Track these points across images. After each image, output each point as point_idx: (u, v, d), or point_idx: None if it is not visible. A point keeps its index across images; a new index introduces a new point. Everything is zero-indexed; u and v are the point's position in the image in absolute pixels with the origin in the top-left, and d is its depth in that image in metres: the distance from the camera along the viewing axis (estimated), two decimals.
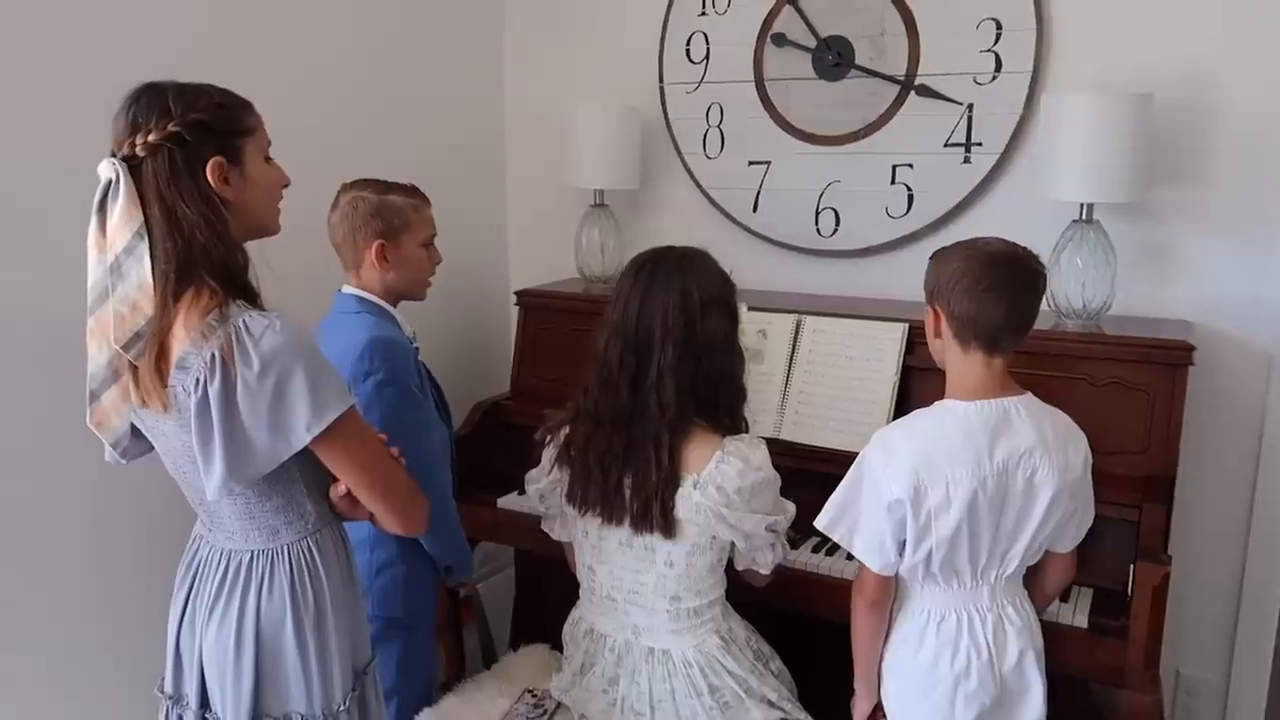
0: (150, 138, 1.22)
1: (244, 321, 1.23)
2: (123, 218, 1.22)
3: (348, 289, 1.82)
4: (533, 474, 1.77)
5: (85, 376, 1.31)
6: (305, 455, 1.30)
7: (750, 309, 2.32)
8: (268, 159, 1.36)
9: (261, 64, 2.24)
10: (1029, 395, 1.57)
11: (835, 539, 1.61)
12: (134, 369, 1.27)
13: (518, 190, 3.06)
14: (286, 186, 1.41)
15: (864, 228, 2.51)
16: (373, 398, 1.71)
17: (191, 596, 1.39)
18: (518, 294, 2.64)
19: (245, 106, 1.33)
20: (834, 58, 2.47)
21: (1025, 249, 1.55)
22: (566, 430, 1.70)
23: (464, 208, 2.90)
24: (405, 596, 1.82)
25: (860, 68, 2.45)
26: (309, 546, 1.37)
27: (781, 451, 2.15)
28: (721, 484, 1.57)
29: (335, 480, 1.36)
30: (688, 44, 2.66)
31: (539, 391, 2.52)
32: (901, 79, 2.40)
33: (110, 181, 1.23)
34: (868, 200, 2.49)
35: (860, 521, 1.57)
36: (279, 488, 1.34)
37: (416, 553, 1.82)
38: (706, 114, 2.67)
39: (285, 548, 1.36)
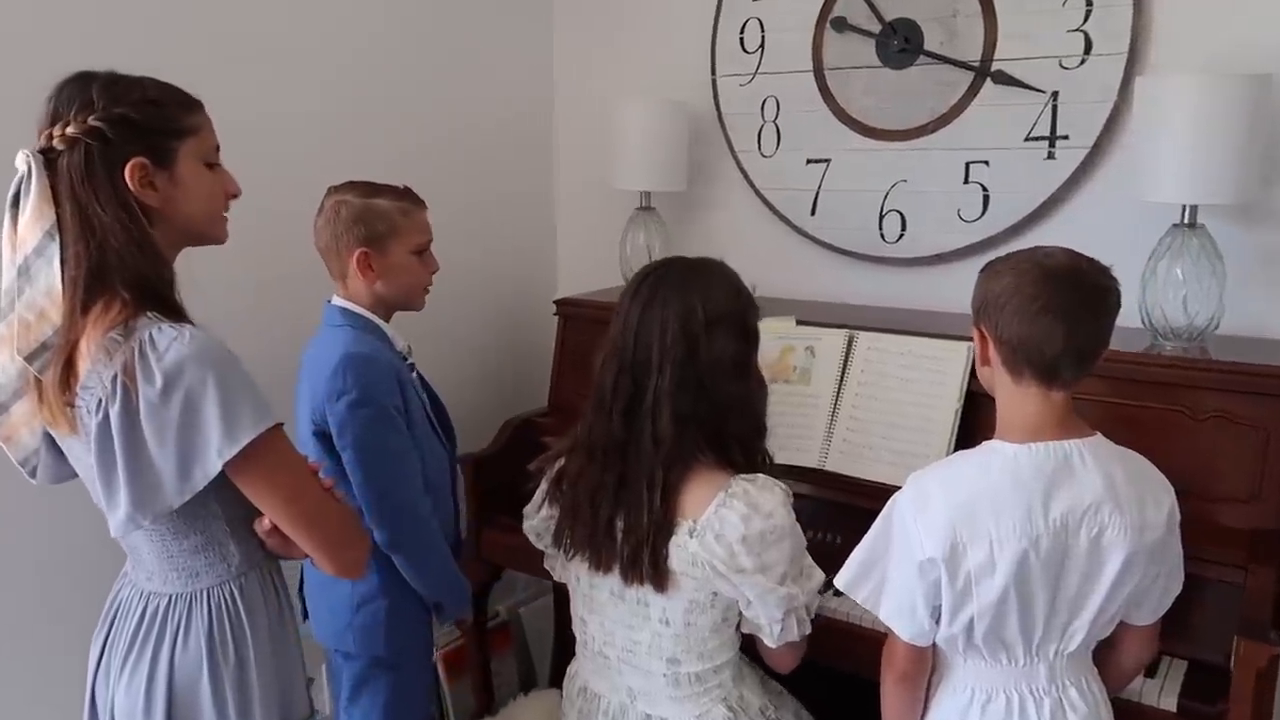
0: (68, 130, 1.11)
1: (150, 335, 1.11)
2: (33, 215, 1.12)
3: (335, 300, 1.69)
4: (529, 508, 1.59)
5: None
6: (226, 488, 1.16)
7: (799, 323, 2.11)
8: (212, 165, 1.23)
9: (303, 60, 2.17)
10: (1097, 437, 1.31)
11: (858, 601, 1.37)
12: (40, 383, 1.15)
13: (567, 193, 2.90)
14: (234, 197, 1.28)
15: (933, 233, 2.25)
16: (345, 419, 1.57)
17: (108, 643, 1.27)
18: (557, 303, 2.48)
19: (185, 105, 1.20)
20: (900, 43, 2.21)
21: (1092, 262, 1.28)
22: (562, 462, 1.51)
23: (511, 211, 2.77)
24: (390, 634, 1.67)
25: (930, 53, 2.18)
26: (230, 592, 1.23)
27: (826, 484, 1.95)
28: (721, 532, 1.36)
29: (260, 514, 1.22)
30: (741, 32, 2.45)
31: (577, 408, 2.31)
32: (976, 65, 2.13)
33: (23, 175, 1.13)
34: (938, 202, 2.23)
35: (888, 581, 1.33)
36: (196, 525, 1.20)
37: (403, 585, 1.67)
38: (761, 108, 2.44)
39: (204, 592, 1.22)
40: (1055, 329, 1.24)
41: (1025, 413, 1.29)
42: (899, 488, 1.81)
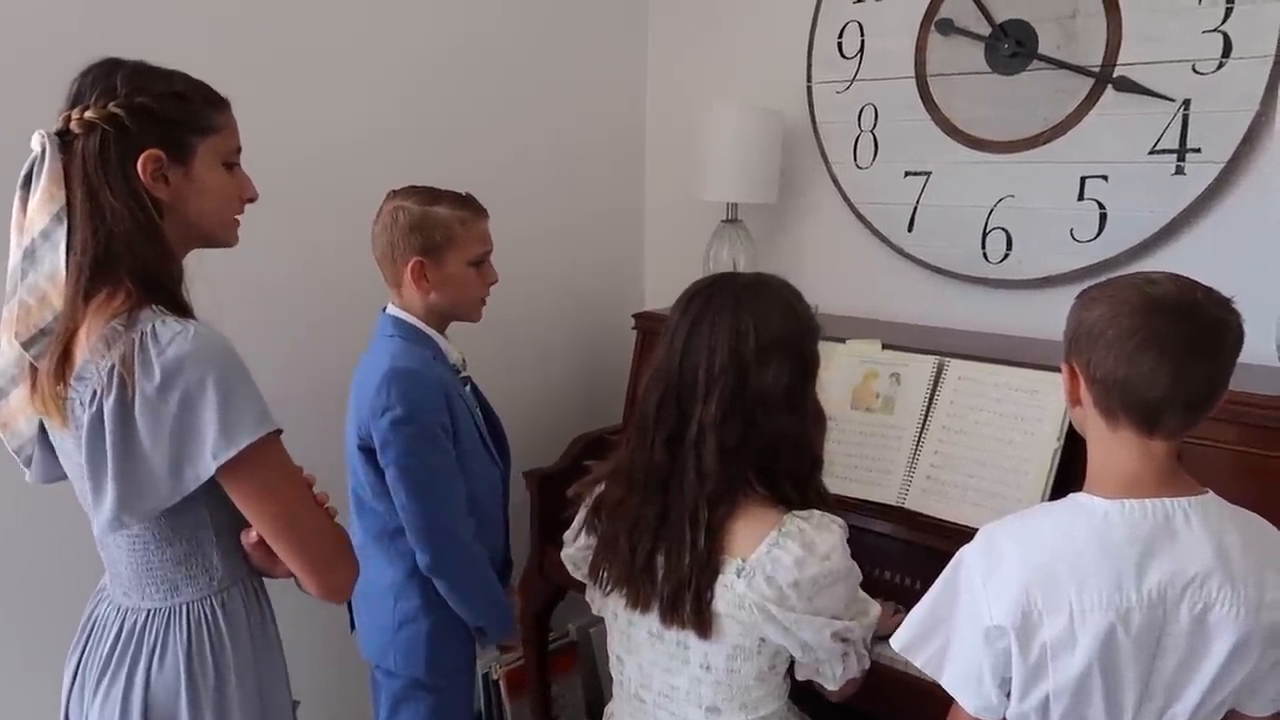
0: (87, 114, 1.08)
1: (152, 327, 1.06)
2: (43, 197, 1.09)
3: (390, 309, 1.64)
4: (567, 534, 1.50)
5: None
6: (218, 495, 1.11)
7: (885, 347, 1.95)
8: (231, 165, 1.19)
9: (389, 67, 2.15)
10: (1208, 495, 1.13)
11: (918, 665, 1.22)
12: (35, 370, 1.13)
13: (656, 203, 2.81)
14: (251, 200, 1.23)
15: (1042, 253, 2.06)
16: (388, 435, 1.51)
17: (83, 661, 1.22)
18: (635, 317, 2.39)
19: (212, 103, 1.17)
20: (1012, 46, 2.03)
21: (1209, 291, 1.10)
22: (601, 488, 1.41)
23: (599, 221, 2.71)
24: (431, 655, 1.61)
25: (1044, 58, 2.00)
26: (211, 608, 1.17)
27: (905, 523, 1.79)
28: (772, 574, 1.23)
29: (248, 526, 1.16)
30: (840, 36, 2.31)
31: None
32: (1096, 70, 1.93)
33: (37, 156, 1.10)
34: (1048, 220, 2.04)
35: (951, 646, 1.18)
36: (183, 532, 1.15)
37: (446, 607, 1.61)
38: (858, 117, 2.29)
39: (184, 607, 1.17)
40: (1159, 369, 1.07)
41: (1119, 464, 1.13)
42: None
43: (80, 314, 1.10)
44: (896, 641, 1.22)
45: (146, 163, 1.10)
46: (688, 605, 1.27)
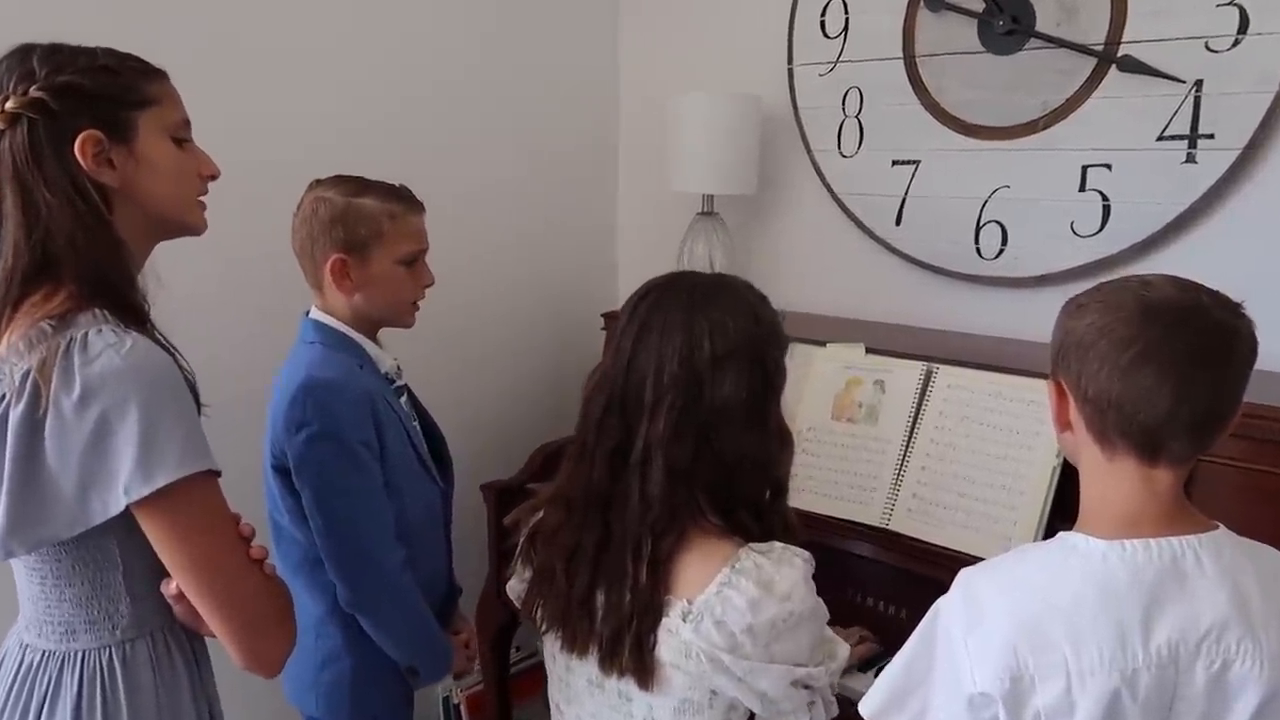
0: (8, 105, 0.97)
1: (85, 334, 0.95)
2: None
3: (312, 313, 1.48)
4: (510, 567, 1.34)
5: None
6: (134, 532, 0.98)
7: (869, 351, 1.80)
8: (181, 141, 1.07)
9: (351, 56, 2.01)
10: (1220, 531, 0.97)
11: None
12: None
13: (630, 196, 2.65)
14: (212, 178, 1.11)
15: (1040, 249, 1.90)
16: (304, 454, 1.35)
17: None
18: (606, 316, 2.23)
19: (145, 73, 1.04)
20: (1007, 23, 1.87)
21: (1214, 295, 0.95)
22: (541, 514, 1.26)
23: (569, 216, 2.55)
24: (356, 700, 1.46)
25: (1043, 36, 1.83)
26: (109, 660, 1.03)
27: (889, 546, 1.64)
28: (723, 618, 1.08)
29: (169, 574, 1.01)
30: (823, 14, 2.14)
31: None
32: (1099, 49, 1.77)
33: None
34: (1047, 212, 1.88)
35: (929, 714, 1.02)
36: (87, 571, 1.01)
37: (372, 644, 1.45)
38: (843, 101, 2.13)
39: (79, 655, 1.03)
40: (1159, 386, 0.92)
41: (1118, 498, 0.97)
42: (975, 558, 1.51)
43: (6, 322, 0.99)
44: (866, 706, 1.06)
45: (85, 145, 0.98)
46: (627, 649, 1.11)
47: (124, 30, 1.21)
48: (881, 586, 1.65)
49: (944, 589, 1.05)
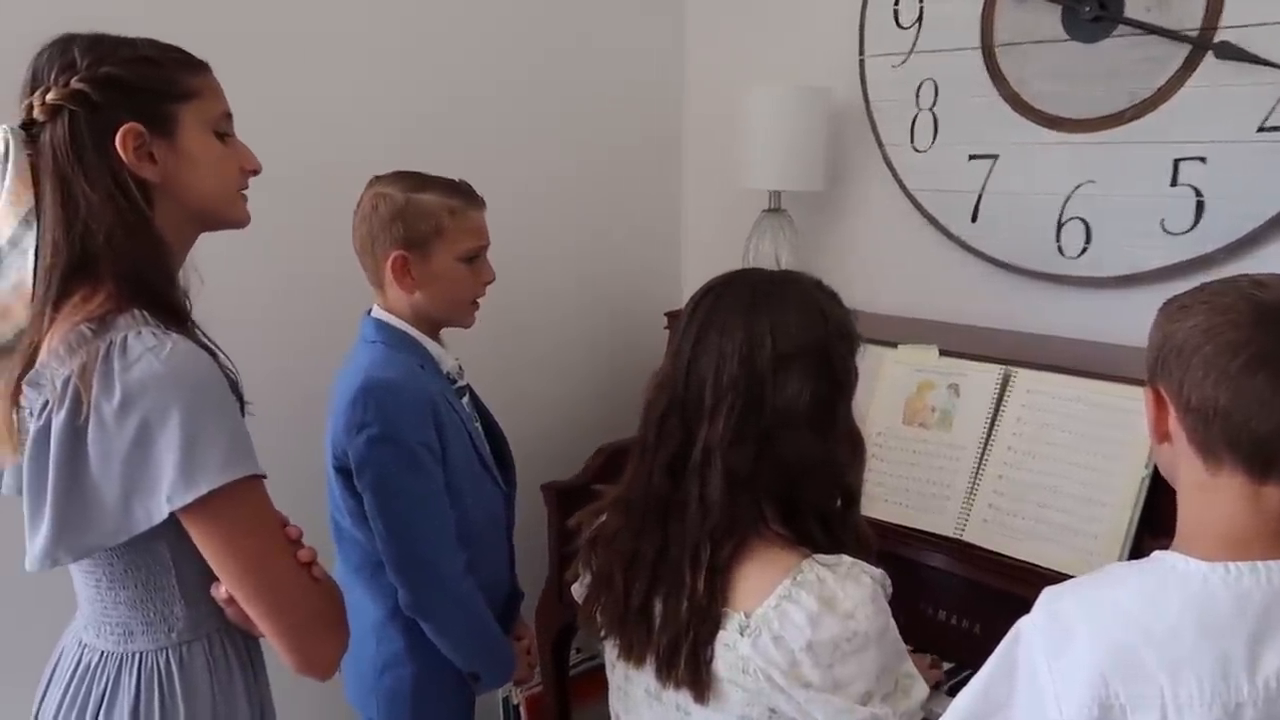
0: (49, 96, 0.95)
1: (124, 338, 0.93)
2: (9, 199, 0.97)
3: (374, 311, 1.47)
4: (571, 570, 1.31)
5: None
6: (183, 537, 0.96)
7: (943, 353, 1.73)
8: (223, 135, 1.05)
9: (408, 42, 1.99)
10: None
11: None
12: None
13: (695, 193, 2.60)
14: (254, 173, 1.09)
15: (1126, 247, 1.80)
16: (364, 456, 1.34)
17: (45, 697, 1.09)
18: (669, 315, 2.19)
19: (187, 65, 1.02)
20: (1094, 9, 1.78)
21: None
22: (603, 518, 1.22)
23: (633, 212, 2.51)
24: (416, 705, 1.45)
25: (1132, 22, 1.74)
26: (166, 661, 1.02)
27: (963, 558, 1.57)
28: (781, 633, 1.02)
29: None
30: (896, 3, 2.07)
31: None
32: (1194, 35, 1.67)
33: (0, 154, 0.97)
34: (1135, 209, 1.78)
35: None
36: (138, 574, 1.00)
37: (434, 650, 1.43)
38: (916, 93, 2.05)
39: (136, 657, 1.02)
40: (1275, 394, 0.84)
41: (1222, 517, 0.90)
42: (1056, 573, 1.44)
43: (47, 324, 0.97)
44: None
45: (126, 138, 0.96)
46: (683, 661, 1.07)
47: (178, 20, 1.21)
48: (954, 600, 1.58)
49: (1023, 604, 0.99)
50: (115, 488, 0.92)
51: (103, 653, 1.04)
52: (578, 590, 1.27)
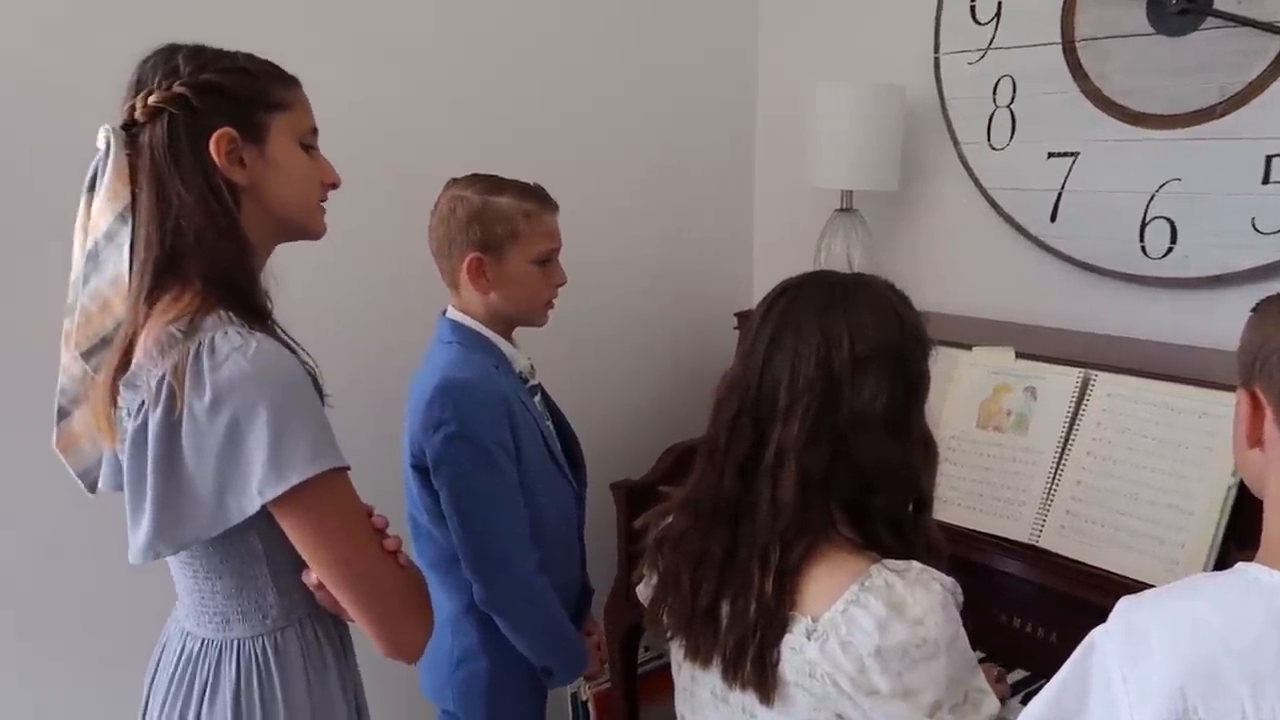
0: (151, 99, 1.01)
1: (212, 339, 0.97)
2: (108, 196, 1.02)
3: (449, 312, 1.50)
4: (638, 571, 1.32)
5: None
6: (274, 527, 1.01)
7: (1019, 356, 1.70)
8: (308, 148, 1.10)
9: (471, 38, 2.02)
10: None
11: None
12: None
13: (766, 192, 2.59)
14: (333, 186, 1.14)
15: (1215, 247, 1.74)
16: (441, 454, 1.38)
17: (154, 683, 1.14)
18: (739, 315, 2.19)
19: (281, 79, 1.08)
20: (1180, 1, 1.72)
21: None
22: (670, 519, 1.23)
23: (703, 212, 2.51)
24: (491, 698, 1.48)
25: (1222, 14, 1.68)
26: (263, 647, 1.07)
27: (1039, 565, 1.54)
28: (849, 638, 1.02)
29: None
30: None
31: None
32: None
33: (102, 154, 1.03)
34: (1224, 207, 1.72)
35: None
36: (233, 565, 1.05)
37: (508, 645, 1.46)
38: (994, 90, 2.02)
39: (235, 644, 1.07)
40: None
41: None
42: (1137, 582, 1.41)
43: (142, 318, 1.02)
44: None
45: (220, 142, 1.01)
46: (749, 662, 1.07)
47: (265, 32, 1.25)
48: (1029, 607, 1.55)
49: (1101, 613, 0.97)
50: (209, 483, 0.97)
51: (203, 640, 1.09)
52: (643, 591, 1.29)
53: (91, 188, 1.04)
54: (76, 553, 1.64)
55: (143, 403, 0.98)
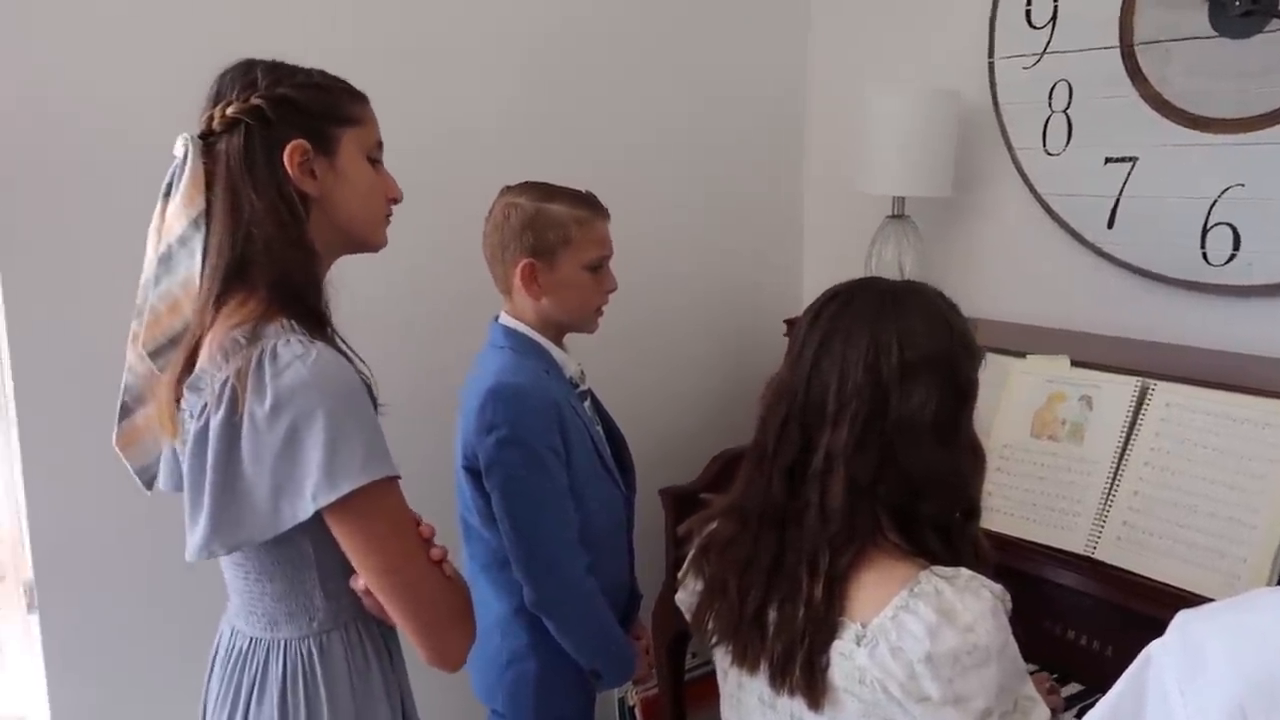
0: (229, 110, 1.05)
1: (274, 346, 1.00)
2: (183, 201, 1.06)
3: (501, 318, 1.52)
4: (680, 574, 1.32)
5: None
6: (324, 532, 1.03)
7: (1074, 364, 1.67)
8: (375, 162, 1.14)
9: (519, 42, 2.05)
10: None
11: None
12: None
13: (816, 198, 2.58)
14: (396, 201, 1.17)
15: (1278, 253, 1.69)
16: (493, 457, 1.40)
17: (211, 678, 1.17)
18: (787, 323, 2.18)
19: (352, 94, 1.12)
20: (1244, 3, 1.69)
21: None
22: (715, 525, 1.23)
23: (752, 217, 2.51)
24: (539, 699, 1.49)
25: None
26: (309, 649, 1.09)
27: (1094, 576, 1.52)
28: (899, 644, 1.01)
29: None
30: (1029, 3, 2.01)
31: None
32: None
33: (179, 161, 1.07)
34: None
35: None
36: (283, 568, 1.07)
37: (557, 647, 1.47)
38: (1049, 95, 1.99)
39: (282, 644, 1.09)
40: None
41: None
42: (1195, 595, 1.38)
43: (209, 321, 1.05)
44: None
45: (293, 153, 1.05)
46: (798, 668, 1.07)
47: (329, 48, 1.28)
48: (1084, 619, 1.53)
49: (1157, 627, 0.95)
50: (266, 486, 0.99)
51: (252, 639, 1.11)
52: (682, 598, 1.29)
53: (167, 193, 1.08)
54: (142, 547, 1.69)
55: (205, 405, 1.01)
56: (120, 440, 1.17)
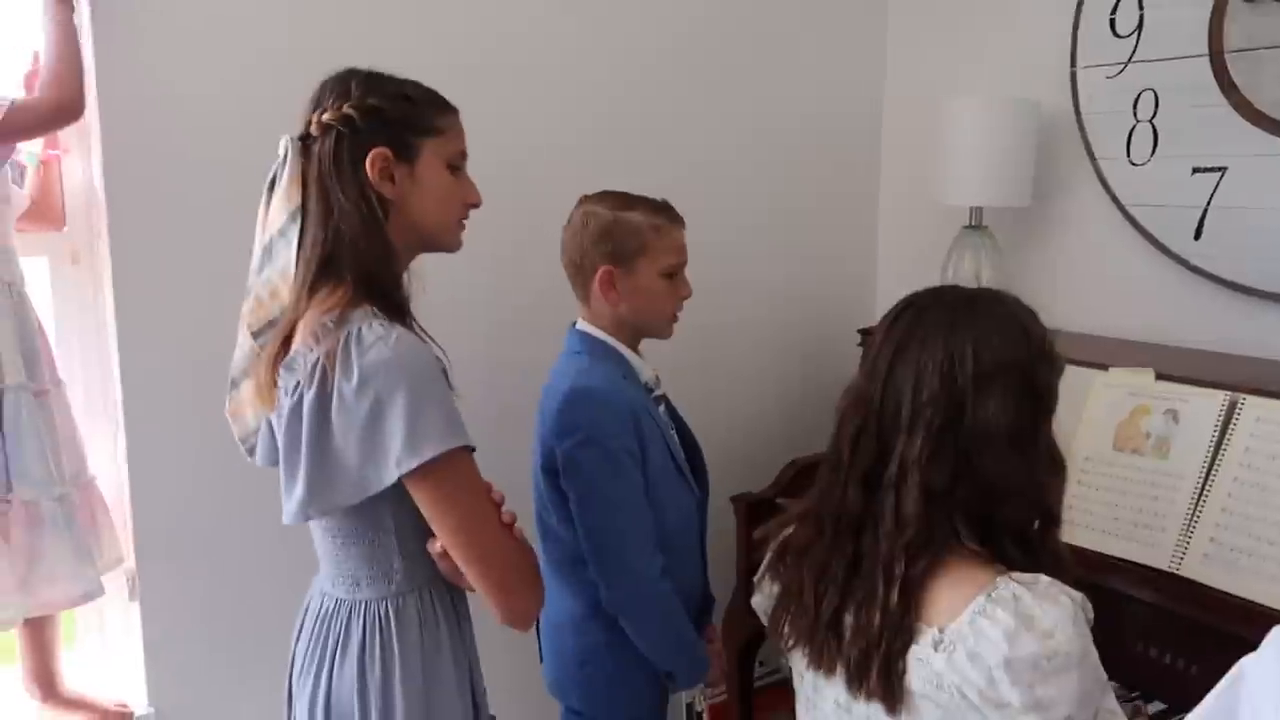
0: (324, 116, 1.14)
1: (360, 329, 1.09)
2: (283, 197, 1.16)
3: (579, 324, 1.56)
4: (756, 578, 1.34)
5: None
6: (404, 500, 1.11)
7: (1159, 377, 1.64)
8: (455, 169, 1.21)
9: (599, 55, 2.10)
10: None
11: None
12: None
13: (892, 207, 2.57)
14: (474, 206, 1.24)
15: None
16: (570, 459, 1.43)
17: (299, 639, 1.26)
18: (861, 332, 2.18)
19: (438, 105, 1.20)
20: None
21: None
22: (791, 530, 1.25)
23: (827, 226, 2.53)
24: (612, 699, 1.52)
25: None
26: (386, 610, 1.17)
27: (1178, 593, 1.49)
28: (977, 649, 1.01)
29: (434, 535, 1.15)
30: (1113, 11, 1.99)
31: None
32: None
33: (281, 159, 1.17)
34: None
35: None
36: (366, 533, 1.16)
37: (632, 647, 1.50)
38: (1134, 104, 1.96)
39: (363, 604, 1.18)
40: None
41: None
42: None
43: (303, 307, 1.14)
44: None
45: (375, 160, 1.13)
46: (874, 672, 1.08)
47: (419, 59, 1.33)
48: (1167, 637, 1.50)
49: (1243, 645, 0.93)
50: (354, 455, 1.07)
51: (337, 600, 1.20)
52: (758, 602, 1.30)
53: (271, 187, 1.18)
54: (240, 517, 1.77)
55: (298, 383, 1.10)
56: (231, 409, 1.28)
